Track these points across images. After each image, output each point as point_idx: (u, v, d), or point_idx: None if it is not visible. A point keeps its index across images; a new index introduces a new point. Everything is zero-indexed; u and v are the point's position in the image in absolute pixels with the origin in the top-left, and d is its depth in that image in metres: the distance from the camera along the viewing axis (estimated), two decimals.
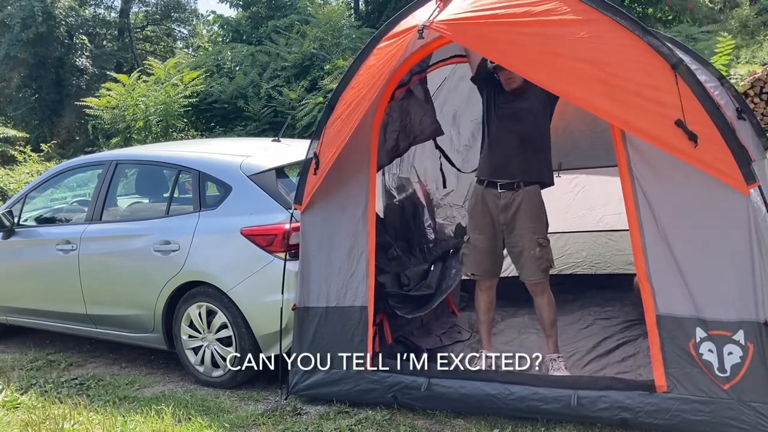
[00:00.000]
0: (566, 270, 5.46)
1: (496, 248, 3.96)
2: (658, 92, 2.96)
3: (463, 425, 3.48)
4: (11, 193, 13.29)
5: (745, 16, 15.91)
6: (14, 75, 23.32)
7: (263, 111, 13.61)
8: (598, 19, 3.08)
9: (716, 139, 2.92)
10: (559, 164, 4.95)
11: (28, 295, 5.28)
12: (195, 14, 28.83)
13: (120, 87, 14.09)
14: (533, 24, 3.10)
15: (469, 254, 4.00)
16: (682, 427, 3.07)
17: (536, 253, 3.79)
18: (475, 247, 3.97)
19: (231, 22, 19.54)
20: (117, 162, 5.07)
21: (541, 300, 3.89)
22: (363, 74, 3.60)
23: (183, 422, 3.67)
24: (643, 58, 3.00)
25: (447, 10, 3.31)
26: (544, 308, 3.88)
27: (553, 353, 3.89)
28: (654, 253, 3.10)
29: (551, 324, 3.90)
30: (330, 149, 3.66)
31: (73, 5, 23.89)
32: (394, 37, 3.49)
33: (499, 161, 3.85)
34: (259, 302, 4.07)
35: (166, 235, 4.42)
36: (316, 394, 3.83)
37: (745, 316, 2.94)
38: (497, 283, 4.07)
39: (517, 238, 3.84)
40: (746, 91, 9.39)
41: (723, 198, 2.97)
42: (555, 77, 3.08)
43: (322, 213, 3.84)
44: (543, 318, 3.91)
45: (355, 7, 20.34)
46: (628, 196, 3.17)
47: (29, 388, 4.45)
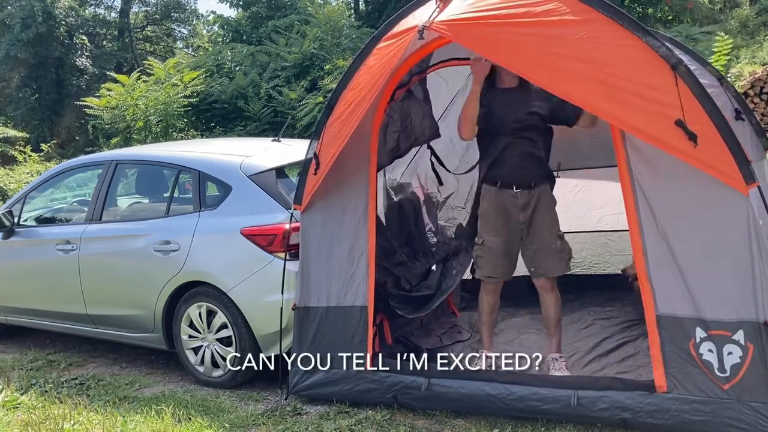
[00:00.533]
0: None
1: (512, 249, 3.92)
2: (657, 92, 2.96)
3: (463, 425, 3.48)
4: (11, 193, 13.29)
5: (745, 16, 15.89)
6: (14, 75, 23.33)
7: (263, 111, 13.62)
8: (598, 19, 3.08)
9: (716, 139, 2.92)
10: (559, 164, 4.93)
11: (28, 295, 5.28)
12: (195, 14, 28.83)
13: (120, 87, 14.10)
14: (533, 24, 3.10)
15: (484, 256, 3.90)
16: (682, 427, 3.07)
17: (558, 245, 3.80)
18: (490, 249, 3.88)
19: (231, 22, 19.55)
20: (117, 162, 5.07)
21: (549, 297, 3.87)
22: (363, 74, 3.60)
23: (183, 422, 3.67)
24: (643, 59, 3.01)
25: (447, 10, 3.31)
26: (552, 306, 3.87)
27: (556, 353, 3.88)
28: (654, 253, 3.10)
29: (557, 322, 3.89)
30: (330, 149, 3.66)
31: (73, 5, 23.88)
32: (394, 38, 3.49)
33: (513, 164, 3.80)
34: (259, 302, 4.07)
35: (166, 235, 4.42)
36: (316, 394, 3.83)
37: (745, 316, 2.95)
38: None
39: (536, 235, 3.83)
40: (746, 91, 9.38)
41: (722, 198, 2.97)
42: (555, 77, 3.08)
43: (322, 213, 3.84)
44: (550, 316, 3.90)
45: (355, 7, 20.34)
46: (627, 197, 3.17)
47: (29, 388, 4.45)
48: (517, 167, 3.79)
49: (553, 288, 3.88)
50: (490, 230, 3.91)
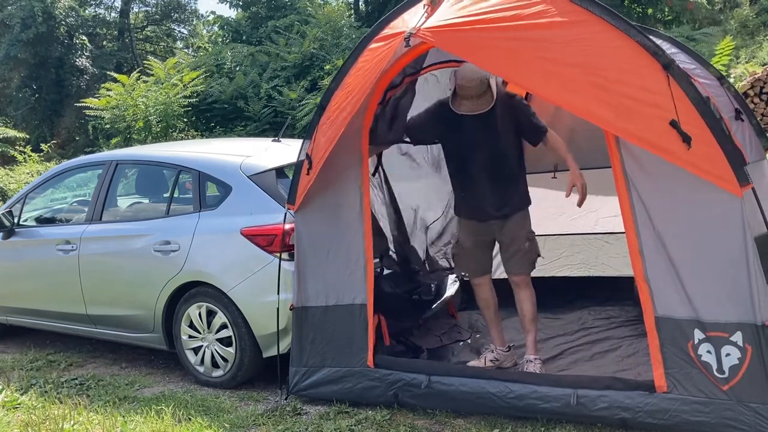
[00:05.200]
0: (562, 273, 5.43)
1: (487, 247, 4.02)
2: (650, 94, 2.94)
3: (463, 425, 3.49)
4: (11, 193, 13.30)
5: (745, 16, 15.91)
6: (14, 75, 23.34)
7: (263, 111, 13.63)
8: (588, 20, 3.05)
9: (709, 141, 2.90)
10: (555, 165, 4.93)
11: (28, 295, 5.28)
12: (195, 14, 28.79)
13: (120, 87, 14.10)
14: (523, 28, 3.06)
15: (459, 254, 4.09)
16: (681, 427, 3.07)
17: (525, 247, 3.87)
18: (463, 248, 4.03)
19: (231, 23, 19.56)
20: (117, 162, 5.07)
21: (524, 294, 3.91)
22: (353, 75, 3.59)
23: (183, 422, 3.67)
24: (635, 60, 2.98)
25: (435, 15, 3.26)
26: (526, 302, 3.91)
27: (531, 353, 3.87)
28: (651, 255, 3.09)
29: (531, 319, 3.91)
30: (321, 149, 3.66)
31: (73, 5, 23.88)
32: (384, 40, 3.46)
33: (474, 202, 3.90)
34: (259, 302, 4.07)
35: (166, 235, 4.43)
36: (316, 393, 3.83)
37: (743, 318, 2.94)
38: (489, 280, 4.06)
39: (508, 236, 3.90)
40: (746, 91, 9.38)
41: (717, 200, 2.95)
42: (545, 82, 3.05)
43: (317, 212, 3.84)
44: (524, 313, 3.92)
45: (355, 7, 20.35)
46: (623, 199, 3.15)
47: (29, 388, 4.45)
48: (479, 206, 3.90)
49: (528, 284, 3.93)
50: (464, 229, 4.04)
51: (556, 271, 5.38)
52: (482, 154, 3.79)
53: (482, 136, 3.76)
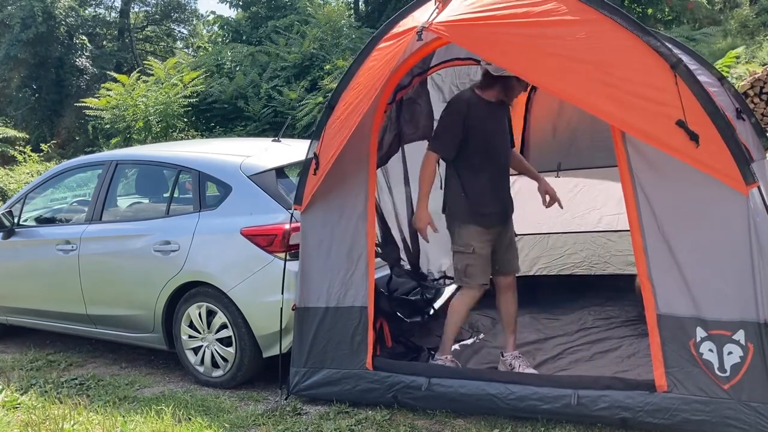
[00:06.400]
0: (565, 270, 5.45)
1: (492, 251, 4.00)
2: (658, 92, 2.95)
3: (463, 425, 3.48)
4: (11, 193, 13.30)
5: (744, 16, 15.91)
6: (14, 75, 23.36)
7: (263, 111, 13.62)
8: (597, 19, 3.08)
9: (716, 139, 2.91)
10: (558, 164, 4.94)
11: (28, 295, 5.27)
12: (195, 14, 28.83)
13: (120, 87, 14.10)
14: (533, 25, 3.09)
15: (476, 264, 3.80)
16: (682, 426, 3.07)
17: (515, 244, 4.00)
18: (480, 256, 3.82)
19: (231, 23, 19.57)
20: (117, 162, 5.06)
21: (513, 295, 3.99)
22: (362, 75, 3.59)
23: (183, 422, 3.67)
24: (643, 58, 3.00)
25: (446, 11, 3.29)
26: (513, 304, 3.99)
27: (515, 350, 3.97)
28: (654, 252, 3.10)
29: (515, 319, 4.00)
30: (330, 150, 3.65)
31: (73, 5, 23.89)
32: (394, 38, 3.48)
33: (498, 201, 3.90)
34: (259, 302, 4.07)
35: (166, 235, 4.42)
36: (316, 394, 3.83)
37: (745, 316, 2.94)
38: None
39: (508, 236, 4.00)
40: (746, 91, 9.39)
41: (722, 198, 2.96)
42: (555, 78, 3.07)
43: (322, 213, 3.84)
44: (510, 313, 3.98)
45: (355, 7, 20.36)
46: (628, 197, 3.16)
47: (29, 388, 4.45)
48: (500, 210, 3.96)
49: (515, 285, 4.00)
50: (477, 236, 3.82)
51: (559, 269, 5.39)
52: (504, 144, 3.91)
53: (503, 127, 3.90)
